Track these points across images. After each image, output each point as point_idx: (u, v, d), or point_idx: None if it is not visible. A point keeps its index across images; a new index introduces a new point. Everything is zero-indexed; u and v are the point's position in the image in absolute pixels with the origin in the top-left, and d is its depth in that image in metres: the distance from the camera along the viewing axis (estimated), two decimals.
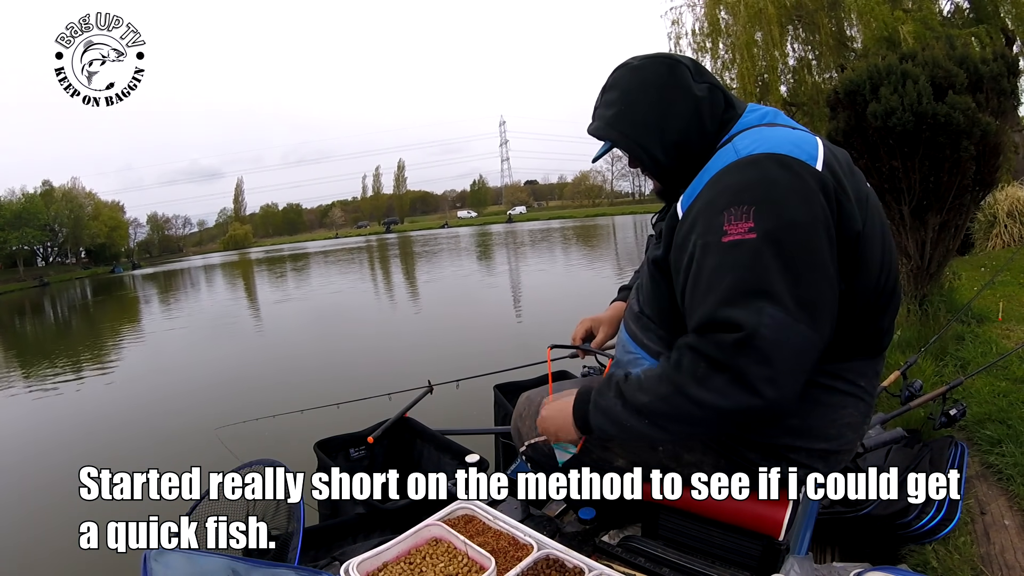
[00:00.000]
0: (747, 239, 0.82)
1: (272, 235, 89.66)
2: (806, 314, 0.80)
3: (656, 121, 1.00)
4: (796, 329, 0.80)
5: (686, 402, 0.84)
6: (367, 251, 37.02)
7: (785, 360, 0.80)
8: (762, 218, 0.82)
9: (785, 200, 0.83)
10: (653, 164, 1.04)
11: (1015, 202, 7.16)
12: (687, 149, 1.01)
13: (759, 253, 0.81)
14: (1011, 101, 3.78)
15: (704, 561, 1.04)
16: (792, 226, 0.82)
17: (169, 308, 17.31)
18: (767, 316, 0.79)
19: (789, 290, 0.80)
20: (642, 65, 1.04)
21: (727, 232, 0.84)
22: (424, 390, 2.37)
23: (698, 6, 11.17)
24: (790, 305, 0.80)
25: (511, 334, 7.93)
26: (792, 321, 0.79)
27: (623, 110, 1.02)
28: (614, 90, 1.05)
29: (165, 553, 0.91)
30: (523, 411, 1.22)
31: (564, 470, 1.12)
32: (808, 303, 0.81)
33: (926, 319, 3.60)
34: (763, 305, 0.79)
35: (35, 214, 47.66)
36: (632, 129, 1.02)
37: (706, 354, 0.83)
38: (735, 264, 0.82)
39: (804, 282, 0.81)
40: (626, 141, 1.03)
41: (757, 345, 0.79)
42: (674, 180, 1.04)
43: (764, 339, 0.79)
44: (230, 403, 5.88)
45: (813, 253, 0.82)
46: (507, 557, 0.99)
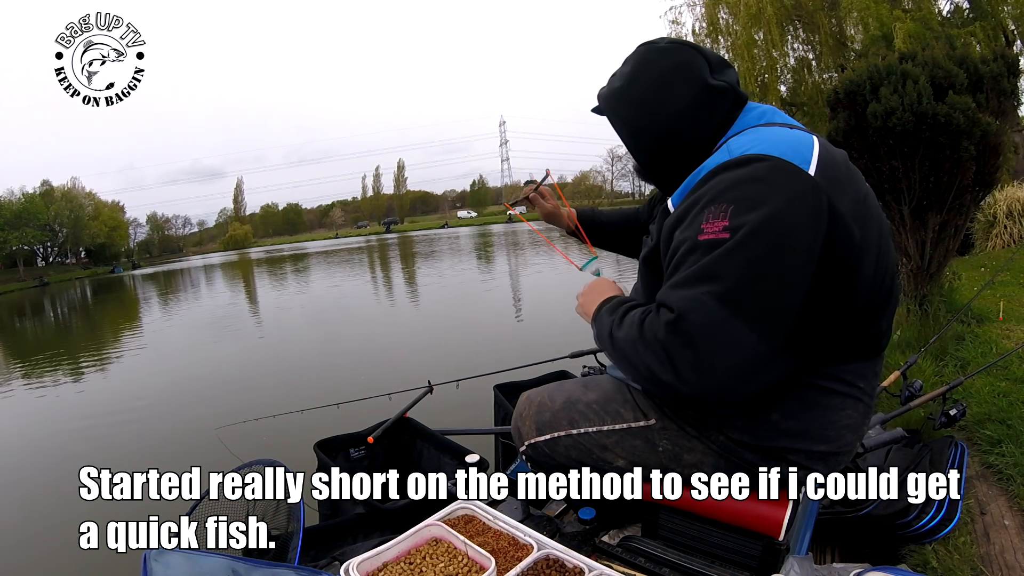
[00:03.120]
0: (719, 238, 0.83)
1: (272, 235, 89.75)
2: (751, 317, 0.80)
3: (651, 103, 1.00)
4: (729, 324, 0.80)
5: (635, 353, 0.89)
6: (367, 251, 37.02)
7: (711, 350, 0.81)
8: (737, 218, 0.82)
9: (765, 203, 0.82)
10: (637, 149, 1.05)
11: (1015, 202, 7.17)
12: (676, 139, 1.00)
13: (726, 252, 0.82)
14: (1011, 101, 3.78)
15: (704, 561, 1.04)
16: (765, 230, 0.81)
17: (169, 308, 17.31)
18: (699, 303, 0.81)
19: (738, 290, 0.80)
20: (661, 48, 1.04)
21: (703, 230, 0.84)
22: (424, 390, 2.37)
23: (698, 6, 11.20)
24: (731, 302, 0.80)
25: (511, 334, 7.94)
26: (727, 316, 0.80)
27: (624, 87, 1.04)
28: (627, 65, 1.06)
29: (165, 553, 0.91)
30: (523, 411, 1.22)
31: (550, 468, 1.15)
32: (760, 308, 0.81)
33: (926, 319, 3.60)
34: (701, 295, 0.81)
35: (35, 214, 47.70)
36: (625, 108, 1.03)
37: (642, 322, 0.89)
38: (700, 259, 0.84)
39: (762, 287, 0.81)
40: (613, 118, 1.05)
41: (682, 328, 0.82)
42: (660, 174, 1.05)
43: (691, 323, 0.81)
44: (230, 403, 5.87)
45: (783, 259, 0.81)
46: (507, 557, 0.99)
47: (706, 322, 0.81)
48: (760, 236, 0.81)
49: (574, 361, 2.05)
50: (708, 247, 0.83)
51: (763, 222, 0.81)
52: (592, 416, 1.12)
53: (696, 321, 0.81)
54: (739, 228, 0.81)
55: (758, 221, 0.81)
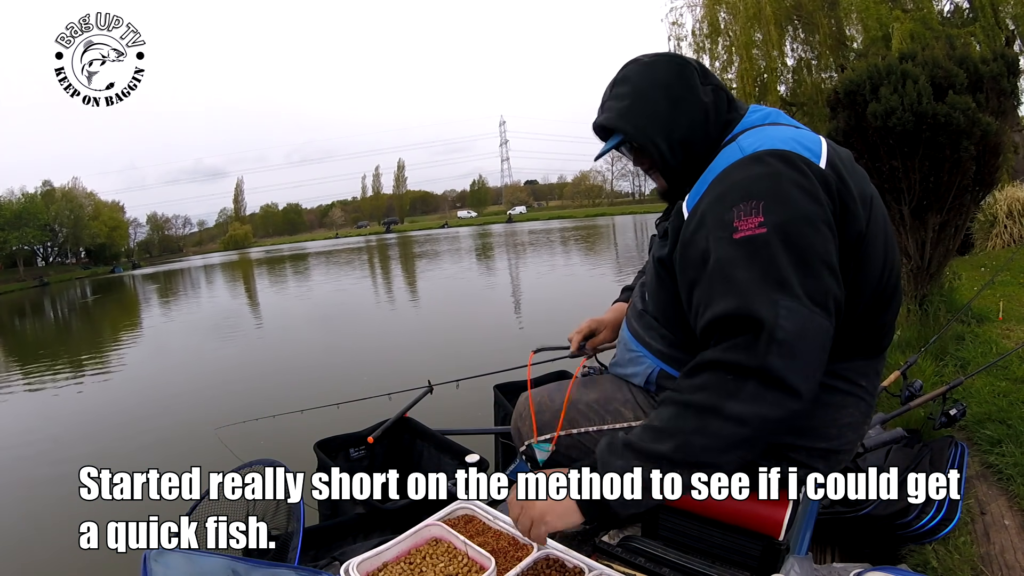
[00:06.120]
0: (758, 233, 0.82)
1: (272, 235, 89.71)
2: (820, 305, 0.80)
3: (665, 117, 1.00)
4: (813, 319, 0.79)
5: (727, 424, 0.77)
6: (367, 251, 37.01)
7: (810, 351, 0.78)
8: (771, 212, 0.82)
9: (792, 195, 0.83)
10: (661, 160, 1.03)
11: (1015, 202, 7.17)
12: (691, 148, 1.01)
13: (770, 246, 0.81)
14: (1011, 101, 3.78)
15: (704, 561, 1.04)
16: (801, 220, 0.82)
17: (169, 308, 17.31)
18: (783, 308, 0.78)
19: (802, 282, 0.80)
20: (653, 62, 1.04)
21: (738, 228, 0.84)
22: (424, 390, 2.37)
23: (698, 7, 11.18)
24: (804, 296, 0.79)
25: (511, 334, 7.93)
26: (808, 312, 0.78)
27: (635, 103, 1.02)
28: (625, 84, 1.04)
29: (165, 553, 0.91)
30: (523, 411, 1.22)
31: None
32: (820, 293, 0.81)
33: (926, 319, 3.60)
34: (778, 298, 0.78)
35: (35, 214, 47.70)
36: (644, 122, 1.01)
37: (729, 362, 0.79)
38: (748, 259, 0.82)
39: (815, 274, 0.81)
40: (638, 134, 1.01)
41: (780, 339, 0.76)
42: (679, 178, 1.04)
43: (785, 331, 0.77)
44: (230, 403, 5.87)
45: (821, 246, 0.82)
46: (507, 557, 0.99)
47: (797, 327, 0.77)
48: (802, 226, 0.82)
49: (574, 361, 2.05)
50: (749, 244, 0.82)
51: (799, 214, 0.82)
52: (592, 416, 1.12)
53: (789, 327, 0.77)
54: (777, 221, 0.82)
55: (795, 213, 0.82)
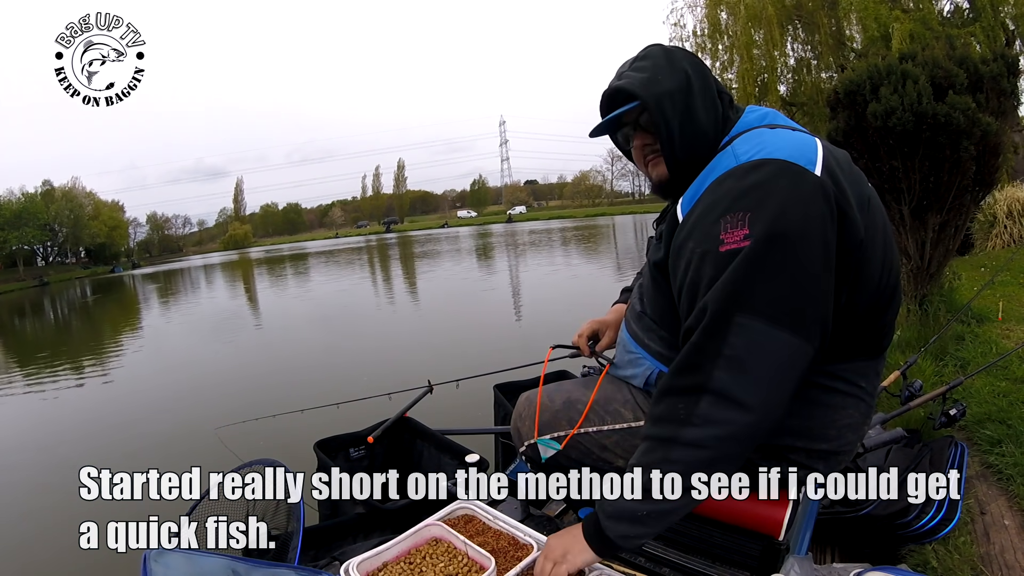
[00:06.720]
0: (741, 247, 0.82)
1: (272, 235, 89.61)
2: (790, 320, 0.80)
3: (683, 100, 0.99)
4: (771, 334, 0.80)
5: (687, 451, 0.83)
6: (367, 251, 37.01)
7: (763, 366, 0.80)
8: (757, 224, 0.82)
9: (782, 206, 0.83)
10: (669, 141, 0.99)
11: (1015, 202, 7.17)
12: (699, 139, 0.99)
13: (748, 261, 0.81)
14: (1011, 101, 3.78)
15: (704, 561, 1.04)
16: (787, 232, 0.81)
17: (169, 308, 17.31)
18: (736, 325, 0.80)
19: (770, 299, 0.80)
20: (675, 49, 1.04)
21: (723, 241, 0.84)
22: (424, 390, 2.37)
23: (699, 7, 11.19)
24: (767, 312, 0.80)
25: (511, 334, 7.93)
26: (766, 327, 0.80)
27: (657, 75, 0.99)
28: (647, 59, 1.03)
29: (165, 553, 0.91)
30: (523, 411, 1.22)
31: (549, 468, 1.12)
32: (795, 309, 0.81)
33: (926, 319, 3.60)
34: (735, 314, 0.80)
35: (35, 214, 47.68)
36: (663, 96, 0.98)
37: (678, 388, 0.83)
38: (721, 274, 0.83)
39: (794, 288, 0.81)
40: (656, 104, 0.98)
41: (727, 355, 0.80)
42: (681, 168, 1.01)
43: (733, 347, 0.79)
44: (230, 403, 5.87)
45: (807, 260, 0.82)
46: (507, 557, 0.99)
47: (750, 343, 0.80)
48: (788, 239, 0.81)
49: (574, 361, 2.05)
50: (731, 258, 0.83)
51: (786, 226, 0.81)
52: (592, 416, 1.12)
53: (740, 344, 0.79)
54: (762, 234, 0.81)
55: (782, 225, 0.81)
